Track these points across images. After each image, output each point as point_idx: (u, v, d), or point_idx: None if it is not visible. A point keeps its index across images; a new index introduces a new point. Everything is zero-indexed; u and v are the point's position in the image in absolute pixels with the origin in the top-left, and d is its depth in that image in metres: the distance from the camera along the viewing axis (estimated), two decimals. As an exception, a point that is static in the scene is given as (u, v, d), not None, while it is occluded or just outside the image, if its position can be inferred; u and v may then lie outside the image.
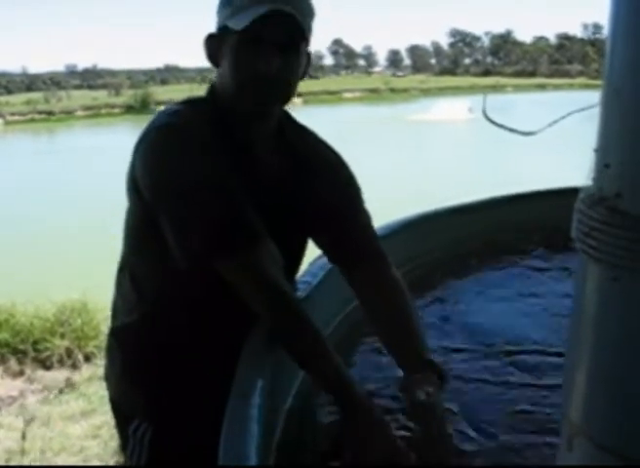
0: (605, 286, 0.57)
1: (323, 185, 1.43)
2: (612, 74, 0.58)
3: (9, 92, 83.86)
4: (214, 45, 1.33)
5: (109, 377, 1.55)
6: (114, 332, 1.52)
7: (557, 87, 75.67)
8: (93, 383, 5.02)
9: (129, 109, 49.50)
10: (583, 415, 0.61)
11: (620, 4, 0.56)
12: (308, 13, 1.30)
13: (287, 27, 1.25)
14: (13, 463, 3.54)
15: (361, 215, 1.48)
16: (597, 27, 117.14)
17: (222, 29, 1.29)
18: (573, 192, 0.66)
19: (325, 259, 1.58)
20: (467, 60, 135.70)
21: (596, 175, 0.60)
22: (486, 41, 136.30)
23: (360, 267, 1.46)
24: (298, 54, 1.30)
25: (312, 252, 1.58)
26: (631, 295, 0.55)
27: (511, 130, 1.66)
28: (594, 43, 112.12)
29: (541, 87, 79.03)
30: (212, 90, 1.38)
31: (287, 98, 1.35)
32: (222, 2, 1.30)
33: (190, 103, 1.38)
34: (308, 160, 1.44)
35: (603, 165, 0.58)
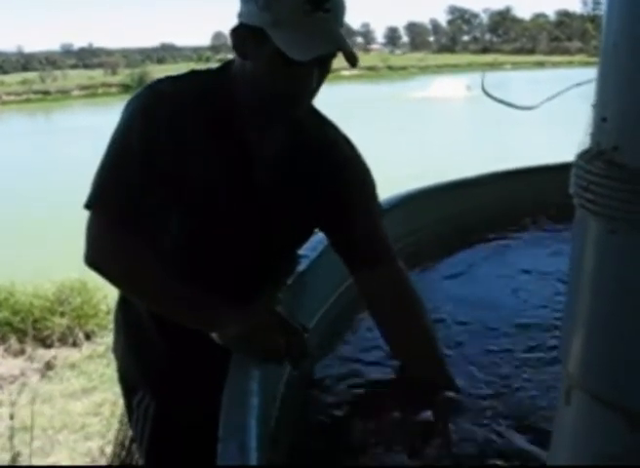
0: (602, 239, 0.58)
1: (334, 183, 1.39)
2: (610, 27, 0.58)
3: (4, 71, 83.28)
4: (245, 40, 1.24)
5: (116, 349, 1.58)
6: (120, 307, 1.53)
7: (556, 64, 75.27)
8: (93, 361, 5.06)
9: (126, 88, 49.22)
10: (581, 368, 0.62)
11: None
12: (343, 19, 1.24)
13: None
14: (16, 440, 3.58)
15: (370, 216, 1.44)
16: (597, 3, 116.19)
17: (259, 29, 1.19)
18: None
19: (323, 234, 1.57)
20: (466, 38, 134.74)
21: (594, 129, 0.60)
22: (484, 18, 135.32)
23: (363, 270, 1.43)
24: (331, 63, 1.26)
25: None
26: (628, 247, 0.56)
27: (510, 104, 1.65)
28: (594, 19, 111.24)
29: (540, 64, 78.63)
30: (228, 73, 1.32)
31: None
32: None
33: (201, 76, 1.36)
34: (323, 155, 1.40)
35: (600, 119, 0.58)
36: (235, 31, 1.24)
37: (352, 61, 1.21)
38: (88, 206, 1.26)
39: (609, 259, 0.57)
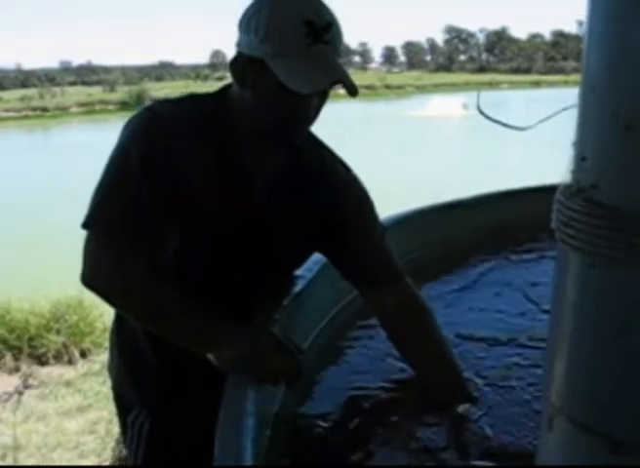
0: (582, 273, 0.60)
1: (332, 205, 1.41)
2: (588, 71, 0.61)
3: (3, 88, 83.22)
4: (244, 70, 1.25)
5: (111, 368, 1.59)
6: (116, 326, 1.54)
7: (552, 83, 75.58)
8: (88, 379, 5.03)
9: (124, 105, 49.25)
10: (564, 396, 0.63)
11: (596, 4, 0.58)
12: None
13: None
14: (10, 459, 3.56)
15: (371, 236, 1.46)
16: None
17: (259, 60, 1.20)
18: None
19: (319, 255, 1.59)
20: (462, 57, 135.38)
21: (574, 167, 0.63)
22: (481, 38, 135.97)
23: (372, 290, 1.47)
24: (329, 91, 1.28)
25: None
26: (607, 282, 0.58)
27: (505, 125, 1.67)
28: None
29: (536, 84, 78.99)
30: (226, 97, 1.34)
31: None
32: (253, 28, 1.20)
33: (200, 99, 1.37)
34: (320, 178, 1.42)
35: (580, 158, 0.61)
36: (235, 61, 1.26)
37: (352, 92, 1.23)
38: (85, 225, 1.26)
39: (589, 293, 0.59)
